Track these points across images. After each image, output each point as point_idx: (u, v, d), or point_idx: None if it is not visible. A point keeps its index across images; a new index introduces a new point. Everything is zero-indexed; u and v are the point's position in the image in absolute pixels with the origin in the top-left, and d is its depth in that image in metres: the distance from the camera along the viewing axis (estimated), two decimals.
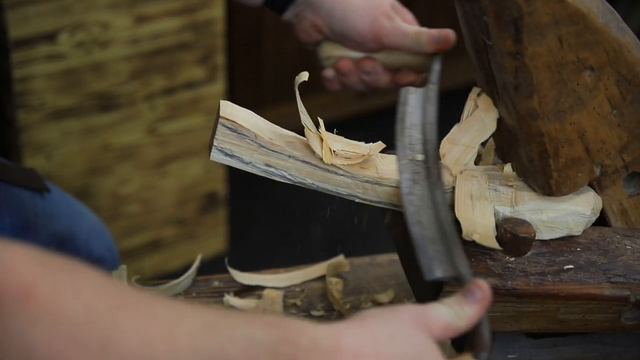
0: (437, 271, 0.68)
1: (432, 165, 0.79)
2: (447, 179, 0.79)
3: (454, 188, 0.79)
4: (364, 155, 0.78)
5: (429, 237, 0.71)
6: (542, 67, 0.74)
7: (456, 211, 0.77)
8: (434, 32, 0.96)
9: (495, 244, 0.75)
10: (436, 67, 0.95)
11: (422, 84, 0.95)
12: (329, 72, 1.01)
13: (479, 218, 0.76)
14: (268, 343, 0.56)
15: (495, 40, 0.73)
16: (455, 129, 0.81)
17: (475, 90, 0.82)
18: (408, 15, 1.01)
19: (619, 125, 0.79)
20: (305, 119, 0.77)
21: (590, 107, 0.78)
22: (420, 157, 0.81)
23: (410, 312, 0.62)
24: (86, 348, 0.50)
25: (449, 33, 0.96)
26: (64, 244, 1.08)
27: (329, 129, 0.79)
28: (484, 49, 0.76)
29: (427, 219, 0.73)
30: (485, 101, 0.81)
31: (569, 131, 0.78)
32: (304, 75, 0.76)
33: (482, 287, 0.65)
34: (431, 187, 0.77)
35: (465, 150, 0.80)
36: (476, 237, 0.75)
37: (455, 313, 0.63)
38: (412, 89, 0.92)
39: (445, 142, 0.81)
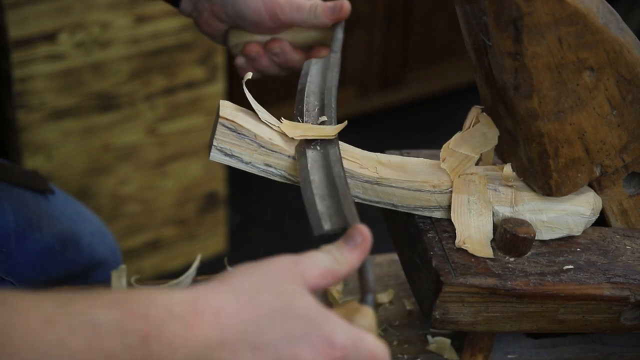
0: (326, 225, 0.66)
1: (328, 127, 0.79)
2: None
3: (451, 191, 0.79)
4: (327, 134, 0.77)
5: (319, 194, 0.70)
6: (542, 67, 0.74)
7: (452, 214, 0.77)
8: (329, 3, 0.97)
9: (488, 253, 0.75)
10: (338, 35, 0.97)
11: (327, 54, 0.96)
12: (240, 60, 1.01)
13: (474, 222, 0.76)
14: (113, 323, 0.51)
15: (495, 41, 0.73)
16: (457, 136, 0.81)
17: (476, 108, 0.83)
18: None
19: (619, 125, 0.79)
20: (265, 115, 0.77)
21: (590, 108, 0.78)
22: (319, 120, 0.80)
23: (282, 263, 0.59)
24: None
25: (344, 2, 0.97)
26: (67, 245, 1.08)
27: None
28: (484, 50, 0.76)
29: (319, 177, 0.72)
30: (486, 119, 0.82)
31: (569, 131, 0.78)
32: (248, 75, 0.76)
33: (362, 231, 0.63)
34: (325, 147, 0.76)
35: (465, 158, 0.80)
36: (468, 247, 0.75)
37: (334, 258, 0.61)
38: (314, 60, 0.93)
39: (446, 147, 0.81)
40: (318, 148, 0.76)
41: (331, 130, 0.78)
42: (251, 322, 0.54)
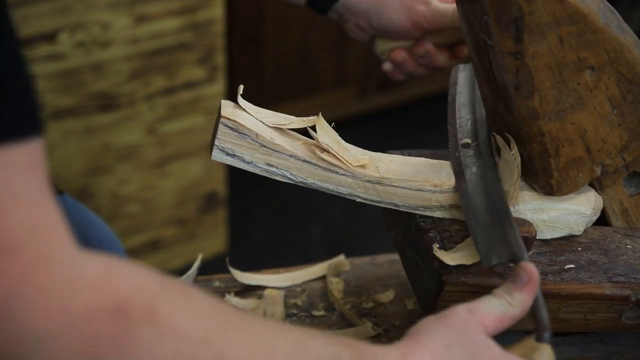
0: (494, 258, 0.69)
1: (482, 146, 0.80)
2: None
3: (452, 191, 0.79)
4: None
5: (482, 223, 0.71)
6: (543, 66, 0.74)
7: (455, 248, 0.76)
8: None
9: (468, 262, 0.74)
10: None
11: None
12: (387, 65, 1.04)
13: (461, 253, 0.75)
14: None
15: (496, 40, 0.73)
16: None
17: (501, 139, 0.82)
18: None
19: (620, 124, 0.79)
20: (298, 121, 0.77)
21: (590, 107, 0.78)
22: (468, 140, 0.81)
23: (460, 315, 0.63)
24: None
25: None
26: None
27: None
28: (485, 49, 0.76)
29: (480, 203, 0.74)
30: (501, 143, 0.81)
31: (570, 131, 0.78)
32: (240, 89, 0.77)
33: (528, 269, 0.65)
34: (482, 169, 0.77)
35: None
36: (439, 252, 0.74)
37: (506, 302, 0.64)
38: (461, 66, 0.93)
39: None
40: (475, 170, 0.77)
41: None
42: None
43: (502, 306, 0.64)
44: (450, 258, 0.73)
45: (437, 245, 0.75)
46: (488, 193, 0.75)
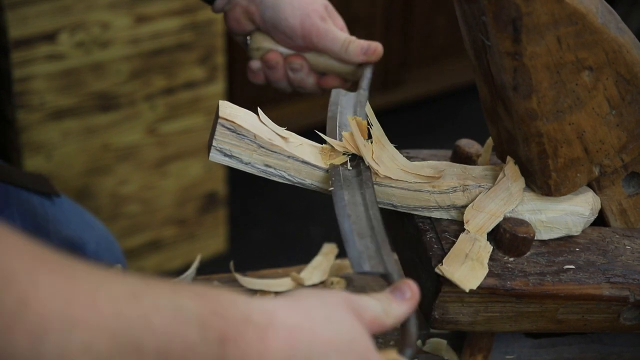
0: (365, 265, 0.67)
1: (362, 165, 0.79)
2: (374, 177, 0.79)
3: (450, 191, 0.79)
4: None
5: (358, 231, 0.70)
6: (541, 67, 0.74)
7: (445, 259, 0.74)
8: (364, 43, 0.98)
9: (465, 288, 0.72)
10: (367, 74, 0.97)
11: (351, 89, 0.96)
12: (255, 64, 1.02)
13: (463, 274, 0.74)
14: (196, 314, 0.52)
15: (494, 41, 0.73)
16: (481, 196, 0.79)
17: (510, 161, 0.81)
18: (340, 21, 1.01)
19: (618, 125, 0.79)
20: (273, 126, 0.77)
21: (589, 107, 0.78)
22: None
23: (343, 297, 0.61)
24: (2, 307, 0.48)
25: (378, 46, 0.98)
26: (73, 251, 1.07)
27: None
28: (483, 50, 0.76)
29: (357, 214, 0.72)
30: (512, 169, 0.80)
31: (568, 131, 0.78)
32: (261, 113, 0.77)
33: (412, 287, 0.64)
34: (362, 186, 0.76)
35: (490, 218, 0.78)
36: (444, 269, 0.73)
37: (383, 309, 0.62)
38: (343, 91, 0.93)
39: (470, 209, 0.78)
40: (353, 183, 0.76)
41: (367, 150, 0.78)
42: (319, 347, 0.57)
43: (378, 310, 0.62)
44: (450, 274, 0.72)
45: (437, 260, 0.75)
46: (366, 209, 0.73)
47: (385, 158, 0.80)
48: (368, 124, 0.81)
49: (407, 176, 0.79)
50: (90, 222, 1.15)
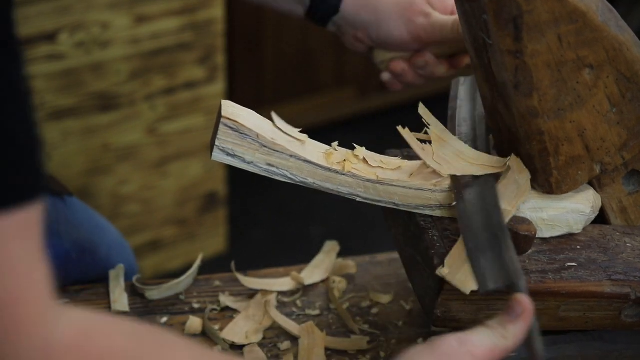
0: (490, 283, 0.68)
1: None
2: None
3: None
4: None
5: (479, 246, 0.70)
6: (542, 65, 0.74)
7: (447, 259, 0.74)
8: None
9: (466, 291, 0.72)
10: None
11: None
12: (385, 75, 1.02)
13: (463, 275, 0.73)
14: None
15: (495, 39, 0.73)
16: None
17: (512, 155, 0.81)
18: (447, 1, 0.99)
19: (619, 123, 0.80)
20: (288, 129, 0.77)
21: (589, 105, 0.78)
22: None
23: (449, 345, 0.62)
24: None
25: None
26: (85, 253, 1.06)
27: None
28: (484, 48, 0.76)
29: (478, 225, 0.73)
30: (516, 162, 0.80)
31: (569, 129, 0.78)
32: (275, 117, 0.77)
33: (522, 302, 0.65)
34: (482, 187, 0.76)
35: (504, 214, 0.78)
36: (445, 272, 0.73)
37: (499, 334, 0.63)
38: (462, 79, 0.92)
39: None
40: (474, 188, 0.76)
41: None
42: None
43: (494, 338, 0.63)
44: (451, 277, 0.72)
45: (439, 262, 0.74)
46: (487, 214, 0.74)
47: (449, 154, 0.80)
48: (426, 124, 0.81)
49: (474, 169, 0.79)
50: (102, 225, 1.14)
